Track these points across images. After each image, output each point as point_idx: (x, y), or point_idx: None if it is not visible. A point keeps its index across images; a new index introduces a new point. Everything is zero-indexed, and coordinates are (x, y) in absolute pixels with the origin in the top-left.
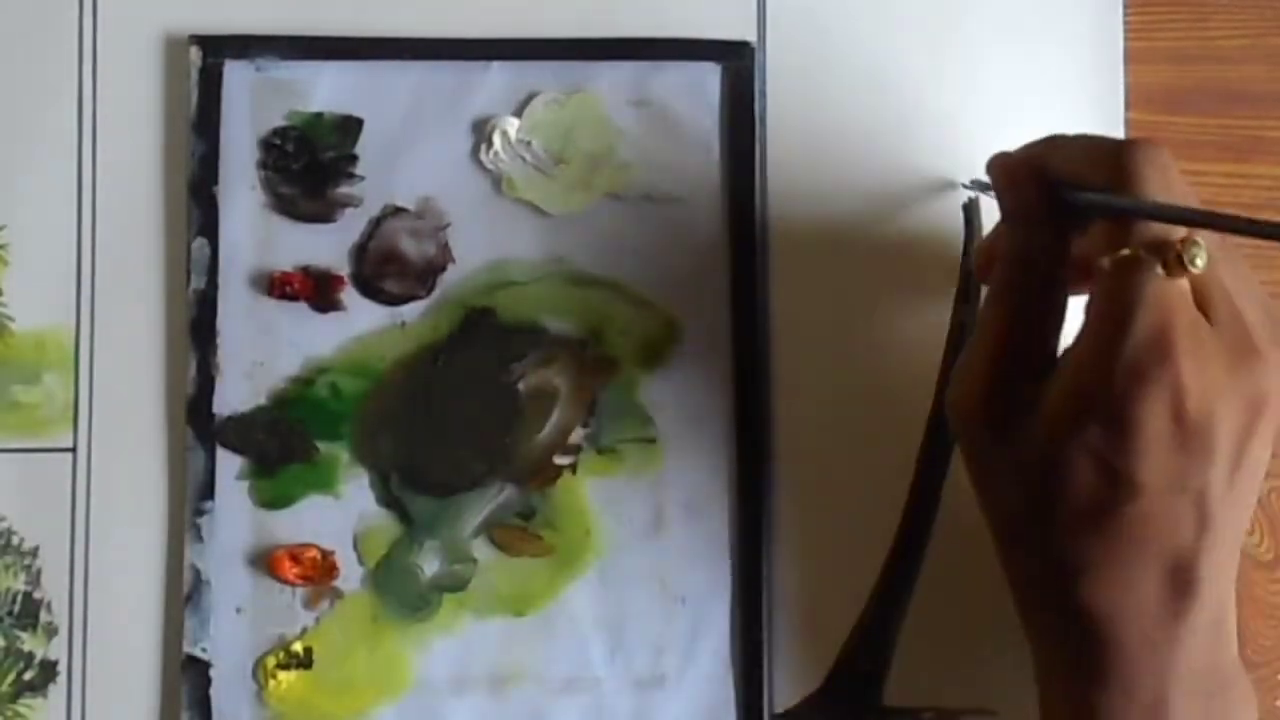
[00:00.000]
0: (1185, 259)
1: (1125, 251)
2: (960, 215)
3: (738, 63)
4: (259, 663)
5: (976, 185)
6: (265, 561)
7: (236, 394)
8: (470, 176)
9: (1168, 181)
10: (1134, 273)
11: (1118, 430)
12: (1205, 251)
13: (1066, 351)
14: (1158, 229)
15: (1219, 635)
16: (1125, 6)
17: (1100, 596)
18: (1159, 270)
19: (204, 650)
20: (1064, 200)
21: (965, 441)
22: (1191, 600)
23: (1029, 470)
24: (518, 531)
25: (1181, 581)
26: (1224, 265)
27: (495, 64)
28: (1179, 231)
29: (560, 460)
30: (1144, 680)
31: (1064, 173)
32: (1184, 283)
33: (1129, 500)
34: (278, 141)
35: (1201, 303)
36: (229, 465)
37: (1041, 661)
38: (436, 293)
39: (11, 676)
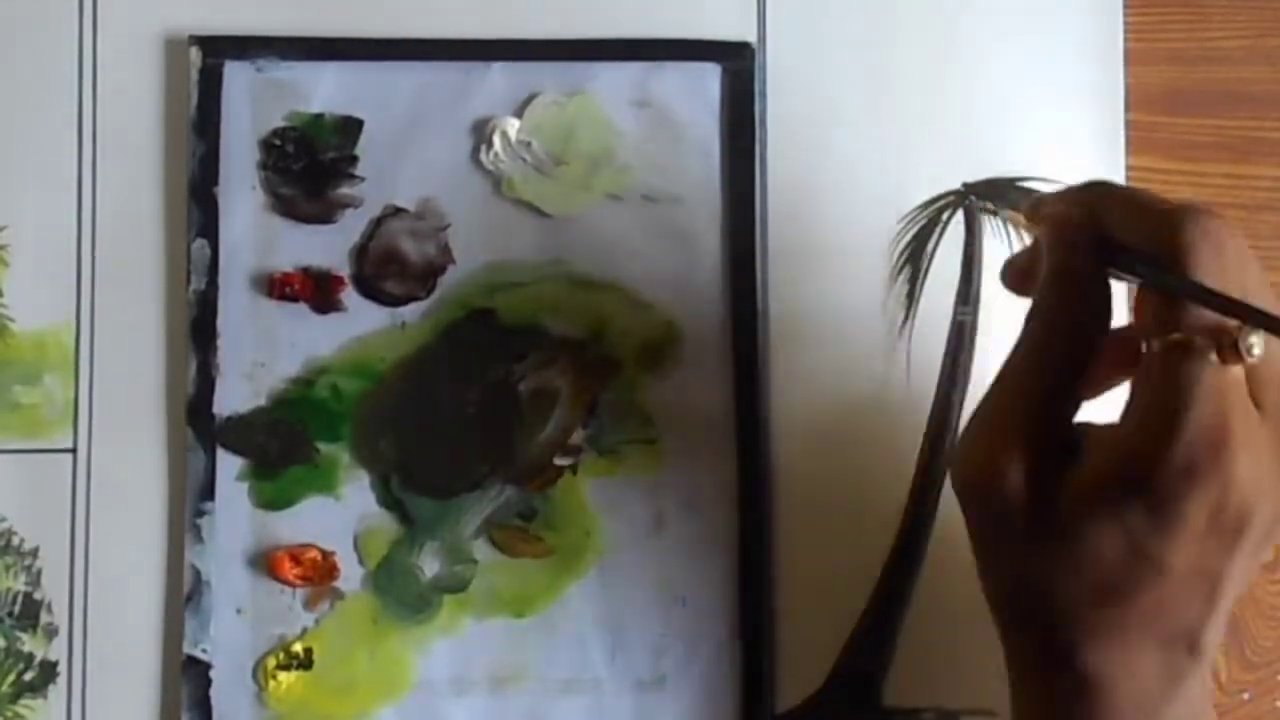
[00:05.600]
0: (1242, 348)
1: (1177, 335)
2: (961, 217)
3: (738, 63)
4: (259, 663)
5: (975, 188)
6: (265, 562)
7: (237, 395)
8: (470, 177)
9: (1222, 261)
10: (1188, 361)
11: (1160, 518)
12: (1263, 340)
13: (1097, 431)
14: (1214, 317)
15: (1203, 687)
16: (1125, 7)
17: (1100, 663)
18: (1213, 358)
19: (204, 651)
20: (1117, 266)
21: (976, 503)
22: (1195, 664)
23: (1048, 539)
24: (518, 532)
25: (1186, 648)
26: (1273, 347)
27: (496, 65)
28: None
29: (560, 461)
30: None
31: (1116, 231)
32: (1239, 371)
33: (1152, 580)
34: (278, 142)
35: (1252, 390)
36: (229, 466)
37: (1024, 709)
38: (437, 294)
39: (12, 677)
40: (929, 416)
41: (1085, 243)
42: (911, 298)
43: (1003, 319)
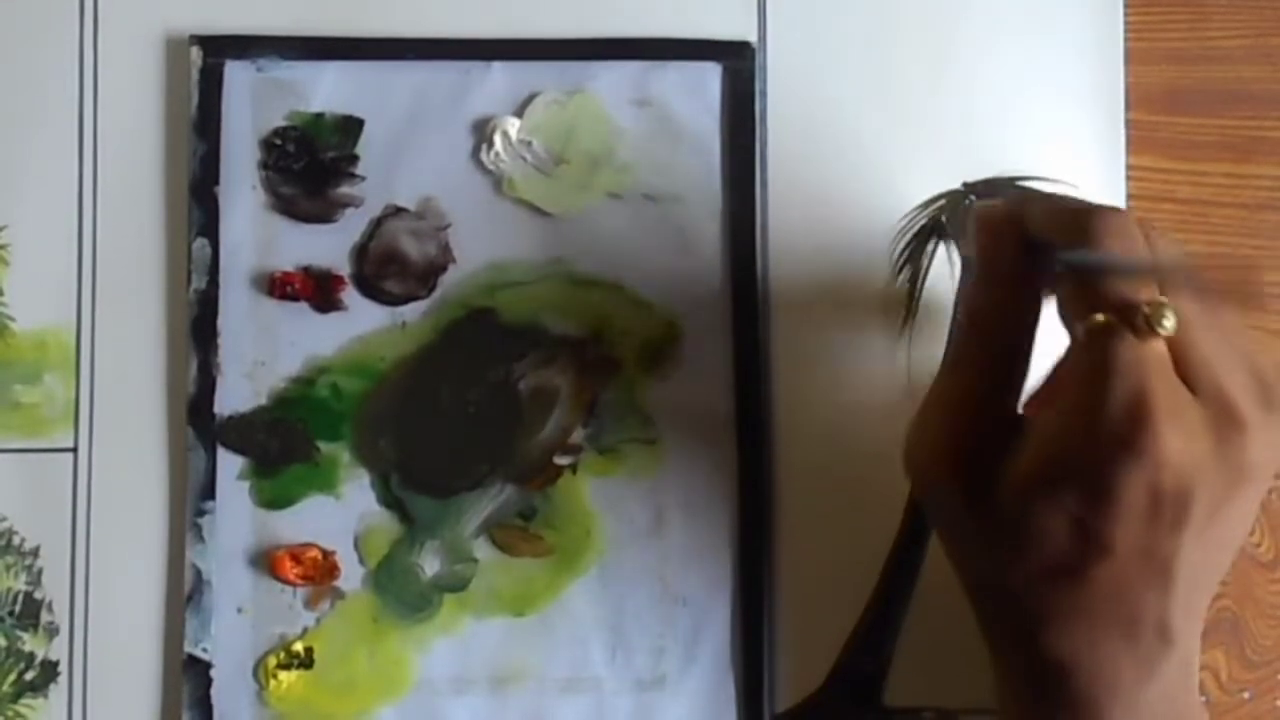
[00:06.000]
0: (1153, 321)
1: (1099, 317)
2: (961, 218)
3: (738, 62)
4: (260, 663)
5: (975, 188)
6: (266, 561)
7: (237, 394)
8: (471, 177)
9: (1132, 245)
10: (1105, 338)
11: (1095, 495)
12: (1174, 313)
13: (1036, 413)
14: (1124, 292)
15: (1185, 676)
16: (1125, 6)
17: (1066, 646)
18: (1130, 335)
19: (205, 650)
20: (1039, 260)
21: (924, 495)
22: (1169, 650)
23: (995, 527)
24: (518, 531)
25: (1156, 634)
26: (1204, 327)
27: (496, 64)
28: (1147, 293)
29: (561, 460)
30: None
31: (1036, 232)
32: (1160, 346)
33: (1099, 560)
34: (279, 141)
35: (1182, 370)
36: (230, 465)
37: (1006, 692)
38: (437, 293)
39: (12, 676)
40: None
41: (1009, 238)
42: (911, 297)
43: None
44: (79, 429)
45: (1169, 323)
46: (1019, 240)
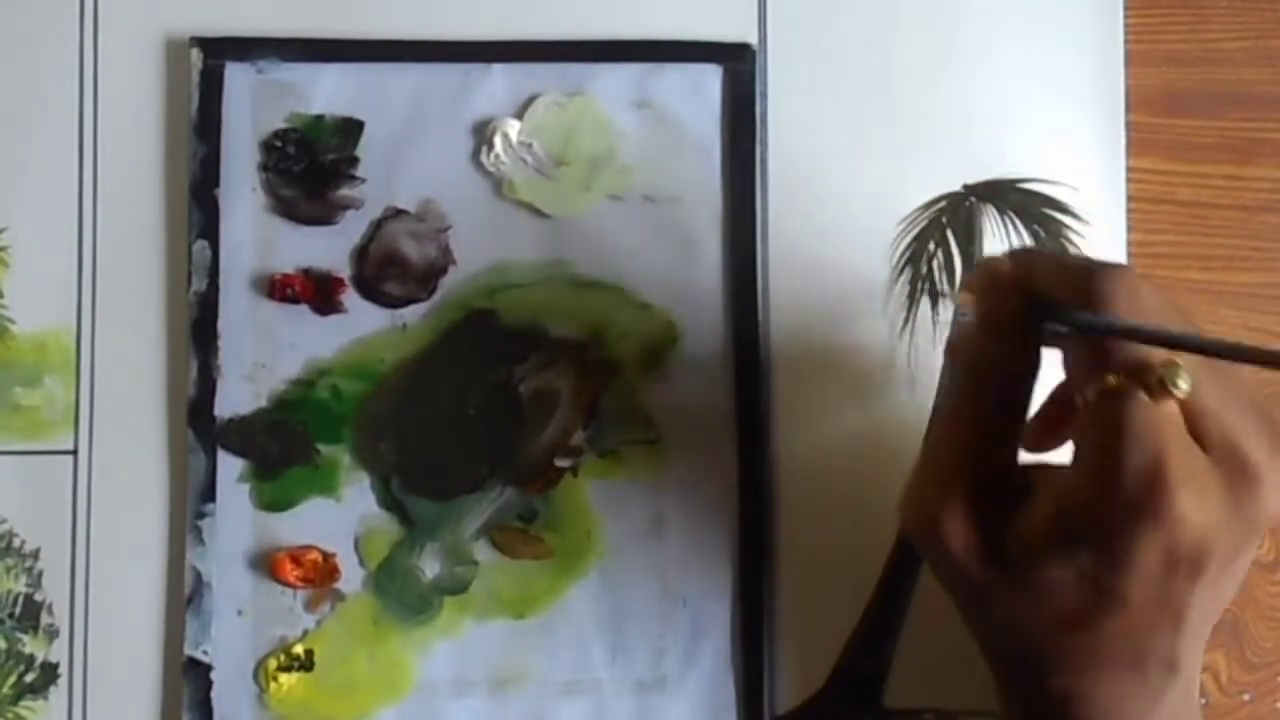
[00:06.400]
0: (1167, 383)
1: (1110, 380)
2: (961, 219)
3: (738, 64)
4: (260, 665)
5: (975, 189)
6: (266, 564)
7: (237, 396)
8: (471, 179)
9: (1137, 305)
10: (1119, 402)
11: (1111, 557)
12: (1187, 373)
13: (1043, 474)
14: (1136, 353)
15: (1187, 696)
16: (1125, 8)
17: (1074, 684)
18: (1143, 398)
19: (205, 652)
20: (1042, 317)
21: (925, 552)
22: (1174, 680)
23: (1001, 580)
24: (518, 534)
25: (1164, 668)
26: (1211, 383)
27: (496, 66)
28: (1158, 355)
29: (561, 462)
30: None
31: (1041, 289)
32: (1172, 407)
33: (1113, 613)
34: (279, 144)
35: (1193, 427)
36: (230, 467)
37: (1011, 716)
38: (437, 295)
39: (13, 679)
40: (929, 417)
41: (1013, 293)
42: (912, 299)
43: None
44: (79, 431)
45: (1184, 384)
46: (1022, 295)
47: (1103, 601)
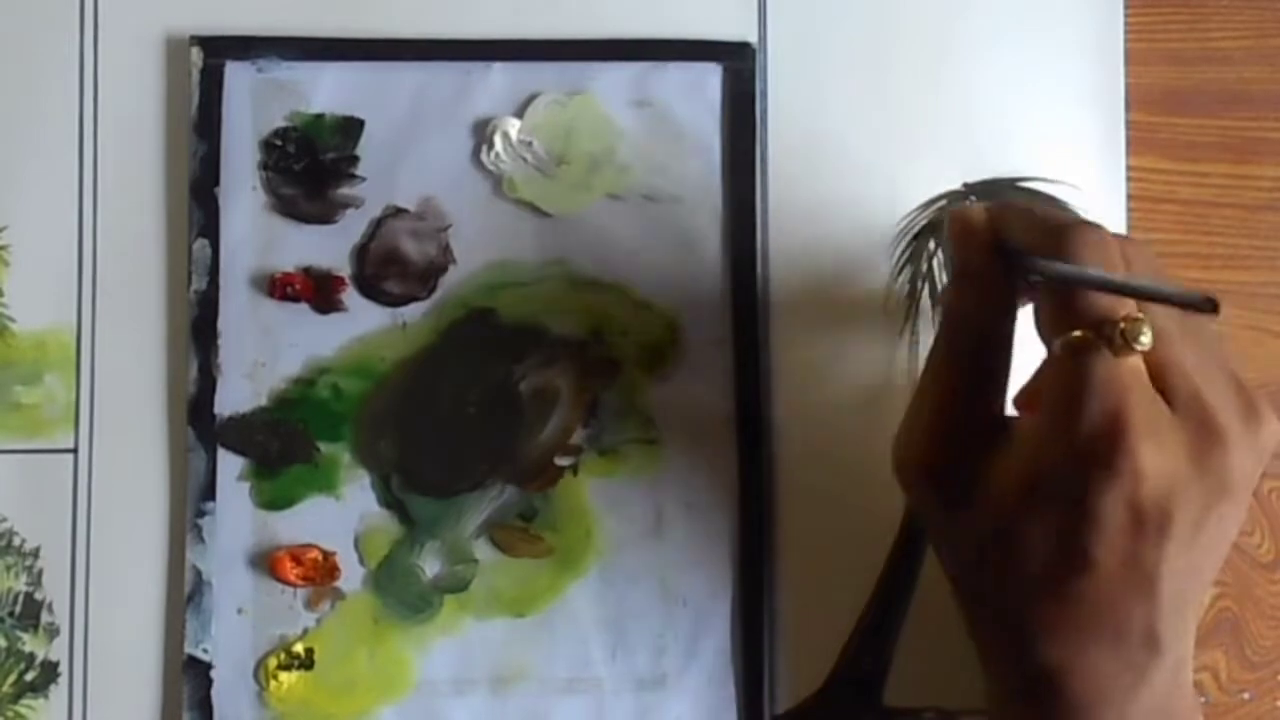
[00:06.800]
0: (1129, 337)
1: (1076, 333)
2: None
3: (738, 63)
4: (260, 663)
5: (975, 188)
6: (266, 562)
7: (238, 395)
8: (471, 177)
9: (1106, 258)
10: (1082, 355)
11: (1075, 511)
12: (1151, 328)
13: (1019, 423)
14: (1101, 307)
15: (1177, 679)
16: (1125, 7)
17: (1056, 657)
18: (1107, 351)
19: (205, 651)
20: (1015, 265)
21: (915, 501)
22: (1157, 660)
23: (981, 536)
24: (519, 532)
25: (1144, 645)
26: (1182, 342)
27: (496, 65)
28: (1124, 309)
29: (561, 461)
30: None
31: (1015, 240)
32: (1136, 362)
33: (1082, 574)
34: (279, 142)
35: (1160, 384)
36: (230, 466)
37: (997, 702)
38: (437, 294)
39: (13, 677)
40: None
41: (986, 242)
42: (912, 298)
43: None
44: (79, 430)
45: (1145, 338)
46: (993, 243)
47: (1072, 561)
